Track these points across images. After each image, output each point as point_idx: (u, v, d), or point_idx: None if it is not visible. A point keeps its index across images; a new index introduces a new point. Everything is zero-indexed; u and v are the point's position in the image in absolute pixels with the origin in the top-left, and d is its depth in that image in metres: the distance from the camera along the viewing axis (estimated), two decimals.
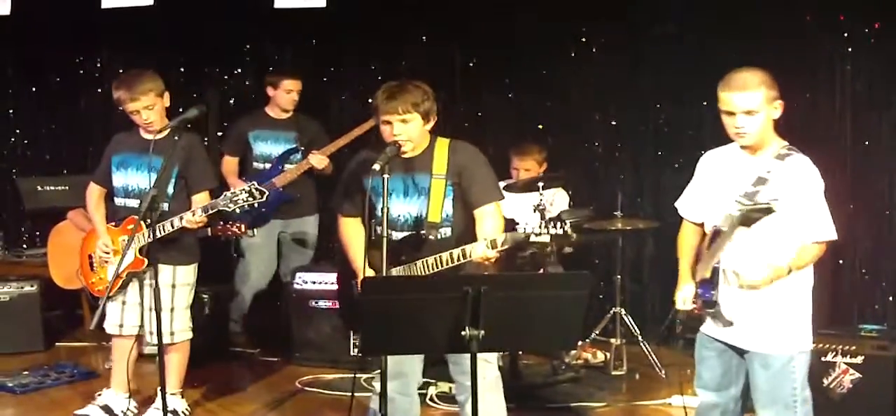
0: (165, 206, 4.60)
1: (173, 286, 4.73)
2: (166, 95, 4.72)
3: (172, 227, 4.51)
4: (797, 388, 3.41)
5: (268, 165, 6.34)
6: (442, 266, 3.80)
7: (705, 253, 3.51)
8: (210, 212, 4.53)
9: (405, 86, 3.87)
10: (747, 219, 3.23)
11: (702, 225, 3.64)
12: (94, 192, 4.94)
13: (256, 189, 4.46)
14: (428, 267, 3.83)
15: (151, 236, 4.27)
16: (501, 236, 3.73)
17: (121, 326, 4.82)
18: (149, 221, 4.22)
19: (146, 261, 4.58)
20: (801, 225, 3.31)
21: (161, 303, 4.16)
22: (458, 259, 3.76)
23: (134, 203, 4.74)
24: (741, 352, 3.50)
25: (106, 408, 4.89)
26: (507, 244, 3.71)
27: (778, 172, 3.35)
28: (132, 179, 4.77)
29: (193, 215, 4.51)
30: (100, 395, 4.97)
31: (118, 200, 4.85)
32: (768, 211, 3.19)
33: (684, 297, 3.53)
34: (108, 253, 4.80)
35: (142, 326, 4.66)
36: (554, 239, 3.62)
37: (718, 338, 3.53)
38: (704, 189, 3.63)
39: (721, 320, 3.47)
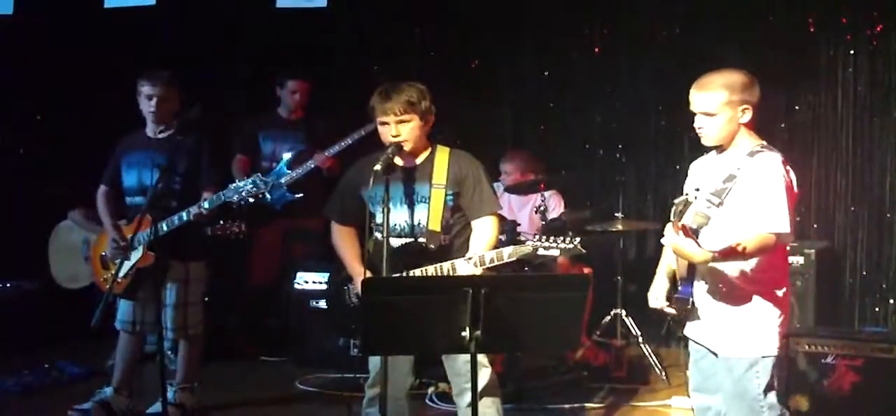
0: (174, 203, 4.64)
1: (186, 282, 4.76)
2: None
3: (180, 221, 4.54)
4: (761, 393, 3.36)
5: (275, 165, 6.35)
6: None
7: None
8: (216, 205, 4.54)
9: (400, 85, 3.85)
10: (677, 215, 3.19)
11: None
12: (103, 193, 4.96)
13: (261, 180, 4.48)
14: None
15: (154, 234, 4.31)
16: (508, 250, 3.71)
17: (134, 323, 4.83)
18: (151, 216, 4.23)
19: (154, 256, 4.59)
20: (753, 214, 3.26)
21: (180, 298, 4.24)
22: (449, 273, 3.75)
23: (143, 200, 4.73)
24: (716, 355, 3.48)
25: (105, 406, 4.89)
26: (513, 258, 3.69)
27: (747, 168, 3.32)
28: (140, 177, 4.80)
29: (199, 208, 4.52)
30: (100, 392, 4.97)
31: (128, 199, 4.89)
32: (687, 203, 3.21)
33: (656, 295, 3.53)
34: (119, 248, 4.78)
35: (160, 322, 4.64)
36: (563, 253, 3.62)
37: (698, 341, 3.52)
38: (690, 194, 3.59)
39: (696, 317, 3.44)
